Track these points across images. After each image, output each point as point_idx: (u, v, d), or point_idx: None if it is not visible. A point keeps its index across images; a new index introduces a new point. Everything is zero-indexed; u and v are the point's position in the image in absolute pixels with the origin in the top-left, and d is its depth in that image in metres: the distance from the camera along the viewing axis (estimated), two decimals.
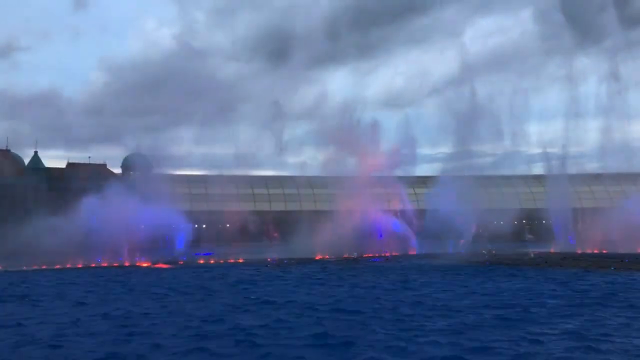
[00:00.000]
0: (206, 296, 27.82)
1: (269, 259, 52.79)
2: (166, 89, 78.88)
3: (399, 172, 74.76)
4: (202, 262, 52.78)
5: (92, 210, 54.98)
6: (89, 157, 70.45)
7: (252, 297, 27.08)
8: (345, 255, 55.07)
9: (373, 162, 65.59)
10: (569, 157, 72.20)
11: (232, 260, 52.65)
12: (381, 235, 62.37)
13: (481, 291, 27.98)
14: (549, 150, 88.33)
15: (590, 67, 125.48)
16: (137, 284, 33.40)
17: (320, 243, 56.49)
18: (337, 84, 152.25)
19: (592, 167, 72.28)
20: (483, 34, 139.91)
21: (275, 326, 19.68)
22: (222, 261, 52.25)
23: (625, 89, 73.94)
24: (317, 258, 53.39)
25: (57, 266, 47.12)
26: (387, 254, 56.97)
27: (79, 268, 46.65)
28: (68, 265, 48.04)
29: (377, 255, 55.78)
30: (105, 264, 50.60)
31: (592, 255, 49.28)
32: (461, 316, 21.02)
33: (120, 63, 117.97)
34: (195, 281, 34.99)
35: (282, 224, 65.11)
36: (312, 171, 74.28)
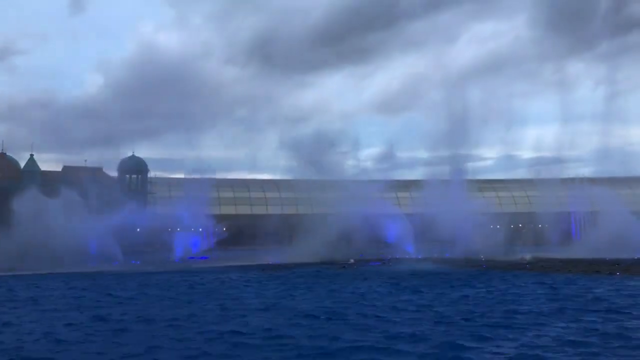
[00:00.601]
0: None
1: (267, 263, 52.76)
2: (163, 92, 78.89)
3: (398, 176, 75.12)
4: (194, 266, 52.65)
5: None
6: (85, 160, 70.14)
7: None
8: (343, 259, 55.05)
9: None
10: (564, 161, 72.86)
11: (227, 265, 52.47)
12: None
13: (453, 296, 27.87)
14: (544, 154, 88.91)
15: (584, 72, 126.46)
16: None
17: (318, 246, 56.58)
18: (333, 88, 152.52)
19: (587, 171, 72.59)
20: (478, 39, 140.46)
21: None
22: (216, 265, 52.09)
23: (619, 94, 74.44)
24: (314, 262, 53.30)
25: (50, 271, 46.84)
26: (384, 258, 56.97)
27: (72, 273, 46.16)
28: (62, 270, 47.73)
29: (374, 259, 55.79)
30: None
31: (589, 260, 49.33)
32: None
33: (118, 66, 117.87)
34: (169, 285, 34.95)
35: (280, 227, 65.01)
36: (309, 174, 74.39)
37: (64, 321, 22.10)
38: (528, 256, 53.22)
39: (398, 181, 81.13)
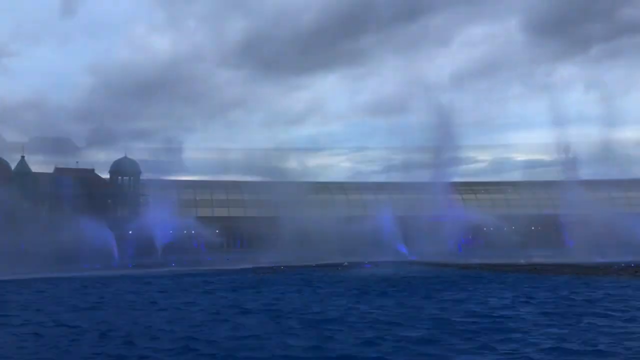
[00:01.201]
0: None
1: (260, 266, 52.38)
2: (155, 94, 78.58)
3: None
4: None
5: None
6: (77, 162, 69.53)
7: None
8: (337, 261, 54.80)
9: None
10: (557, 164, 72.93)
11: (220, 268, 52.06)
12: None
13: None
14: (537, 157, 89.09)
15: (576, 75, 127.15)
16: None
17: (313, 249, 56.46)
18: (326, 90, 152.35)
19: (581, 173, 72.76)
20: (471, 42, 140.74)
21: None
22: (209, 268, 51.70)
23: (610, 97, 74.68)
24: (309, 264, 52.98)
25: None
26: (377, 261, 56.74)
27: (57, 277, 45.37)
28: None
29: (367, 261, 55.56)
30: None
31: (585, 263, 49.29)
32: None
33: (110, 68, 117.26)
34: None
35: (274, 229, 64.62)
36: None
37: None
38: (522, 260, 53.11)
39: (393, 183, 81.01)
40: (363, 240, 61.64)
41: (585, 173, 75.71)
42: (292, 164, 71.45)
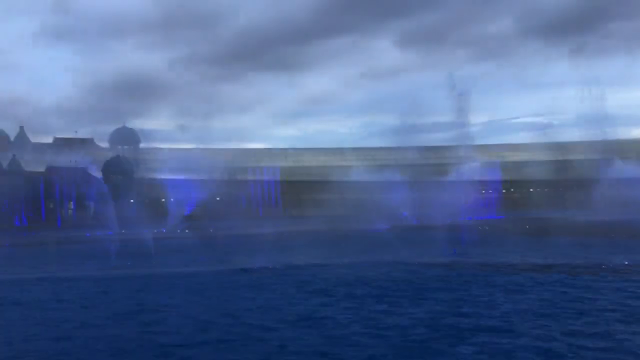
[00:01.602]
0: None
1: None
2: (149, 93, 78.35)
3: None
4: None
5: None
6: (76, 132, 69.43)
7: None
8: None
9: None
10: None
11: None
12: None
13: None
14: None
15: (574, 74, 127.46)
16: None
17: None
18: (325, 89, 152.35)
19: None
20: (467, 40, 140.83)
21: None
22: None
23: (606, 94, 74.71)
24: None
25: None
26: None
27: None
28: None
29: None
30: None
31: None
32: None
33: (101, 67, 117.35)
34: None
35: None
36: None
37: None
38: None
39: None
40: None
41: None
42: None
